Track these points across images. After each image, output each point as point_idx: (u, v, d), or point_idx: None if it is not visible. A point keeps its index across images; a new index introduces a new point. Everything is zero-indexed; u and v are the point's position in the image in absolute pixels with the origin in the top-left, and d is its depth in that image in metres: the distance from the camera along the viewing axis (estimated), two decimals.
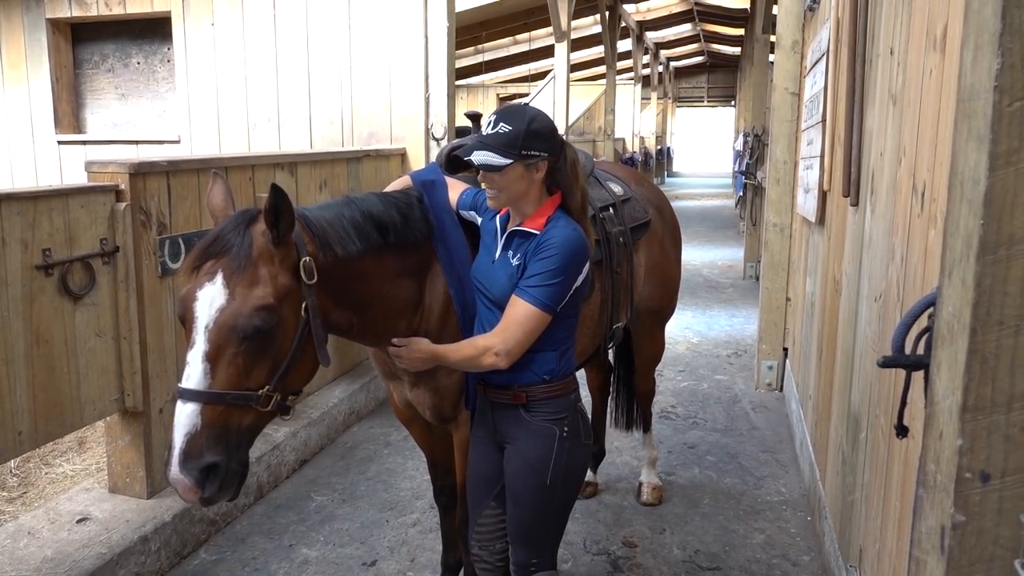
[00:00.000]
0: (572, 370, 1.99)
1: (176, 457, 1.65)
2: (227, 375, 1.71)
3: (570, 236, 1.87)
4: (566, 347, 1.98)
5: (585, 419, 2.01)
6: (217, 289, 1.72)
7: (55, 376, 2.71)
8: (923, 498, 1.07)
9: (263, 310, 1.72)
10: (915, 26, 1.91)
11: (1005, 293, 0.93)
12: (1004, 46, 0.88)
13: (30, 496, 3.44)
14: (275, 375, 1.78)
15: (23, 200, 2.56)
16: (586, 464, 2.05)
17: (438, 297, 2.19)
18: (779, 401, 4.94)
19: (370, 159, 4.76)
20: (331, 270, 1.91)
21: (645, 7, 15.31)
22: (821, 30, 3.71)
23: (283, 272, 1.79)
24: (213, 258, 1.76)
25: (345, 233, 1.95)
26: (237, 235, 1.76)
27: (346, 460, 4.00)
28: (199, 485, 1.66)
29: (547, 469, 1.93)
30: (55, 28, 6.02)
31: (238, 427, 1.74)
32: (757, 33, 10.18)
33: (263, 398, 1.75)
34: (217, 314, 1.71)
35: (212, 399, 1.69)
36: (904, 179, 1.94)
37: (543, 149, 1.89)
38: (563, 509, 2.03)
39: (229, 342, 1.71)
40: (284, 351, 1.80)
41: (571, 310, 1.95)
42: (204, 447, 1.67)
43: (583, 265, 1.89)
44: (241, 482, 1.77)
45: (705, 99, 27.11)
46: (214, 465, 1.68)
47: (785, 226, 5.02)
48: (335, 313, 1.98)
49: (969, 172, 0.96)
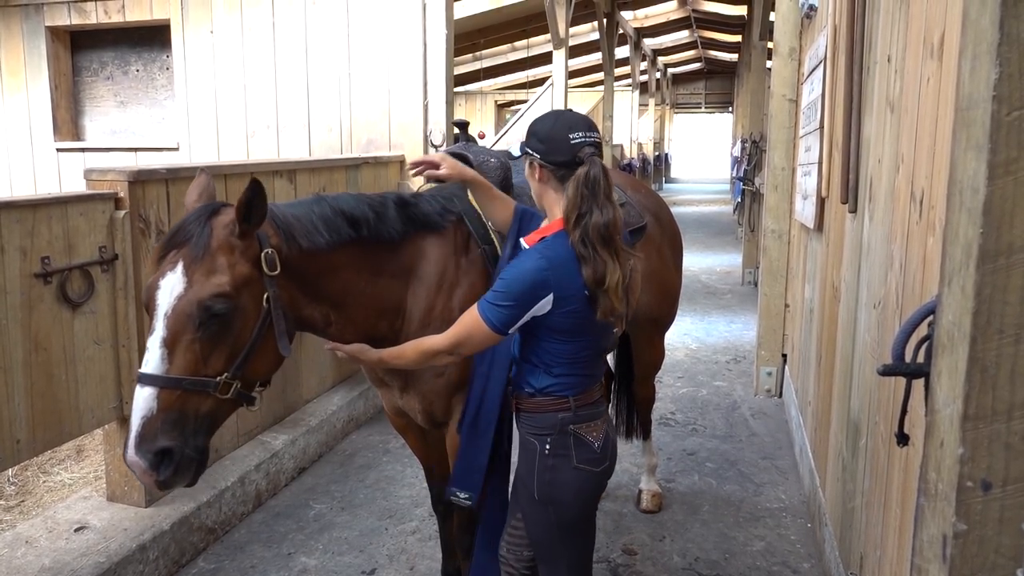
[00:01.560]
0: (566, 392, 1.90)
1: (132, 440, 1.69)
2: (184, 361, 1.74)
3: (523, 268, 1.80)
4: (558, 371, 1.90)
5: (583, 445, 1.91)
6: (177, 277, 1.77)
7: (53, 384, 2.70)
8: (924, 507, 1.07)
9: (219, 297, 1.76)
10: (912, 34, 1.92)
11: (1005, 302, 0.93)
12: (1002, 56, 0.88)
13: (28, 505, 3.43)
14: (234, 363, 1.81)
15: (22, 208, 2.56)
16: (582, 489, 1.92)
17: (419, 303, 2.21)
18: (778, 407, 4.93)
19: (369, 166, 4.77)
20: (299, 263, 1.95)
21: (643, 14, 15.37)
22: (818, 37, 3.73)
23: (243, 262, 1.83)
24: (176, 248, 1.81)
25: (312, 226, 1.98)
26: (198, 226, 1.81)
27: (345, 468, 3.99)
28: (153, 468, 1.70)
29: (532, 483, 1.92)
30: (54, 36, 6.03)
31: (196, 413, 1.77)
32: (754, 40, 10.22)
33: (221, 385, 1.78)
34: (175, 301, 1.75)
35: (168, 384, 1.73)
36: (902, 186, 1.94)
37: (536, 150, 1.89)
38: (562, 531, 1.93)
39: (186, 328, 1.75)
40: (243, 339, 1.83)
41: (550, 335, 1.86)
42: (159, 431, 1.71)
43: (536, 296, 1.78)
44: (199, 468, 1.80)
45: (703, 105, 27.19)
46: (168, 449, 1.71)
47: (783, 232, 5.03)
48: (309, 307, 2.01)
49: (968, 181, 0.96)
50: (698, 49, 20.59)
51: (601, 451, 1.93)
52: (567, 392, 1.90)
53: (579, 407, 1.91)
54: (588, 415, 1.93)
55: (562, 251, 1.81)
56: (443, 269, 2.24)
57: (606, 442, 1.96)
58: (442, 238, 2.27)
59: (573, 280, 1.79)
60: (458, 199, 2.39)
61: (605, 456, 1.95)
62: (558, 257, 1.80)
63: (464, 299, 2.25)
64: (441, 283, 2.24)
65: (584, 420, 1.92)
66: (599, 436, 1.94)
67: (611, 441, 1.98)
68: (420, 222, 2.23)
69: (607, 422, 2.00)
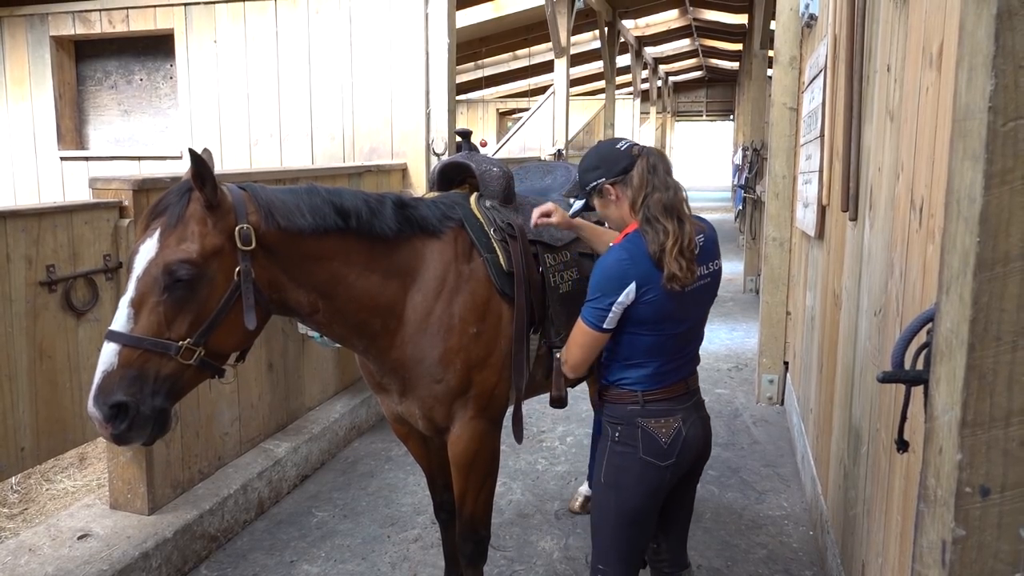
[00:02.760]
0: (636, 387, 2.02)
1: (92, 392, 1.78)
2: (148, 322, 1.82)
3: (608, 259, 1.98)
4: (634, 364, 2.02)
5: (650, 438, 2.01)
6: (152, 243, 1.85)
7: (58, 392, 2.71)
8: (924, 512, 1.07)
9: (184, 264, 1.83)
10: (911, 44, 1.94)
11: (1002, 309, 0.94)
12: (998, 68, 0.89)
13: (31, 512, 3.43)
14: (197, 329, 1.87)
15: (28, 217, 2.58)
16: (644, 480, 2.02)
17: (417, 307, 2.22)
18: (780, 415, 4.93)
19: (371, 174, 4.79)
20: (279, 243, 2.00)
21: (644, 23, 15.41)
22: (819, 46, 3.75)
23: (216, 234, 1.90)
24: (156, 217, 1.90)
25: (296, 208, 2.03)
26: (177, 197, 1.90)
27: (347, 475, 4.00)
28: (108, 421, 1.77)
29: (601, 465, 2.08)
30: (59, 45, 6.08)
31: (156, 374, 1.83)
32: (755, 48, 10.25)
33: (184, 350, 1.84)
34: (147, 265, 1.84)
35: (130, 342, 1.80)
36: (902, 194, 1.96)
37: (599, 176, 2.03)
38: (619, 517, 2.05)
39: (152, 291, 1.83)
40: (209, 308, 1.88)
41: (633, 327, 1.97)
42: (116, 386, 1.78)
43: (619, 285, 1.91)
44: (157, 428, 1.86)
45: (704, 113, 27.22)
46: (123, 404, 1.78)
47: (785, 240, 5.04)
48: (294, 292, 2.06)
49: (965, 190, 0.97)
50: (699, 57, 20.65)
51: (668, 447, 2.01)
52: (637, 387, 2.03)
53: (648, 402, 2.02)
54: (659, 411, 2.02)
55: (640, 243, 1.95)
56: (443, 275, 2.25)
57: (676, 439, 2.02)
58: (443, 244, 2.28)
59: (652, 268, 1.92)
60: (460, 207, 2.40)
61: (672, 452, 2.02)
62: (636, 248, 1.94)
63: (465, 306, 2.25)
64: (440, 289, 2.24)
65: (654, 415, 2.02)
66: (669, 432, 2.02)
67: (683, 438, 2.04)
68: (417, 224, 2.24)
69: (685, 420, 2.05)
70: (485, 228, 2.35)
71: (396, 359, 2.25)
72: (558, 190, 2.85)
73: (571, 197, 2.19)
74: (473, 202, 2.43)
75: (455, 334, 2.23)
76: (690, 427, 2.06)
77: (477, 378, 2.28)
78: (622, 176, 2.00)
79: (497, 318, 2.30)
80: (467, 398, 2.28)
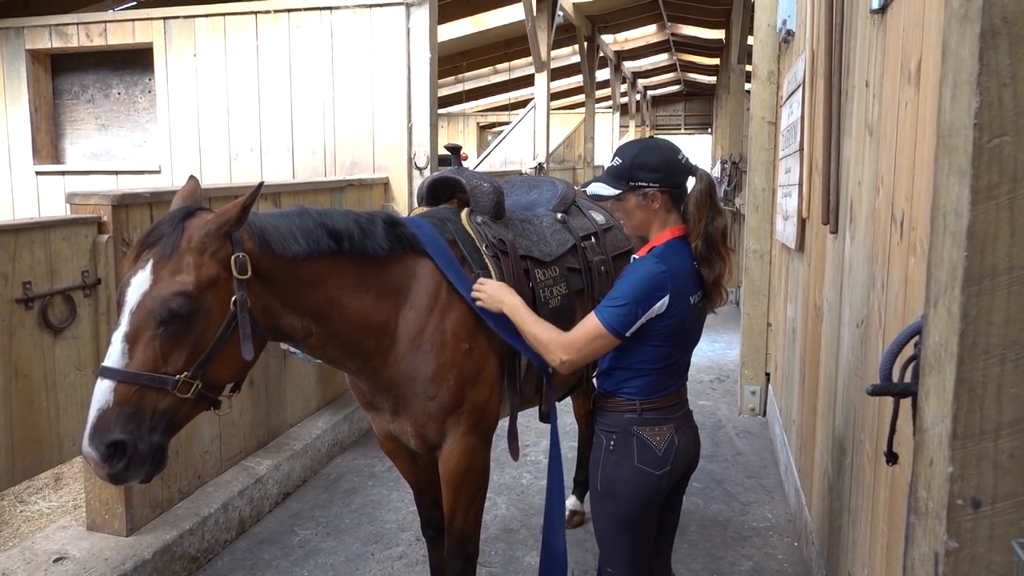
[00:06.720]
0: (635, 396, 2.04)
1: (87, 431, 1.72)
2: (143, 357, 1.77)
3: (646, 267, 1.96)
4: (639, 374, 2.03)
5: (645, 447, 2.03)
6: (145, 275, 1.80)
7: (34, 411, 2.66)
8: (915, 525, 1.08)
9: (180, 296, 1.78)
10: (890, 60, 1.97)
11: (990, 322, 0.95)
12: (982, 85, 0.91)
13: (4, 535, 3.35)
14: (195, 362, 1.82)
15: (4, 233, 2.54)
16: (640, 488, 2.03)
17: (410, 324, 2.20)
18: (763, 426, 4.96)
19: (353, 189, 4.77)
20: (274, 270, 1.97)
21: (623, 38, 15.57)
22: (796, 61, 3.80)
23: (212, 264, 1.85)
24: (148, 247, 1.84)
25: (290, 234, 2.00)
26: (171, 227, 1.85)
27: (330, 492, 3.95)
28: (105, 460, 1.71)
29: (597, 475, 2.09)
30: (35, 59, 6.00)
31: (153, 410, 1.78)
32: (732, 63, 10.39)
33: (181, 384, 1.80)
34: (140, 298, 1.78)
35: (126, 378, 1.75)
36: (883, 208, 1.98)
37: (653, 180, 1.99)
38: (619, 524, 2.07)
39: (147, 325, 1.77)
40: (206, 340, 1.84)
41: (650, 339, 1.98)
42: (112, 424, 1.72)
43: (655, 297, 1.93)
44: (155, 465, 1.81)
45: (682, 126, 27.49)
46: (121, 443, 1.72)
47: (765, 252, 5.09)
48: (288, 317, 2.03)
49: (952, 205, 0.99)
50: (677, 72, 20.89)
51: (663, 455, 2.03)
52: (636, 396, 2.04)
53: (645, 410, 2.04)
54: (654, 419, 2.04)
55: (676, 258, 1.98)
56: (435, 292, 2.24)
57: (670, 446, 2.05)
58: (434, 261, 2.27)
59: (686, 285, 1.97)
60: (451, 223, 2.39)
61: (667, 460, 2.04)
62: (674, 262, 1.96)
63: (457, 323, 2.24)
64: (433, 306, 2.23)
65: (649, 423, 2.04)
66: (663, 440, 2.04)
67: (676, 447, 2.06)
68: (408, 242, 2.23)
69: (678, 429, 2.08)
70: (477, 244, 2.34)
71: (389, 377, 2.23)
72: (544, 204, 2.86)
73: (601, 184, 2.06)
74: (464, 218, 2.42)
75: (448, 350, 2.22)
76: (682, 436, 2.08)
77: (470, 394, 2.27)
78: (674, 189, 2.02)
79: (489, 334, 2.30)
80: (459, 414, 2.27)
